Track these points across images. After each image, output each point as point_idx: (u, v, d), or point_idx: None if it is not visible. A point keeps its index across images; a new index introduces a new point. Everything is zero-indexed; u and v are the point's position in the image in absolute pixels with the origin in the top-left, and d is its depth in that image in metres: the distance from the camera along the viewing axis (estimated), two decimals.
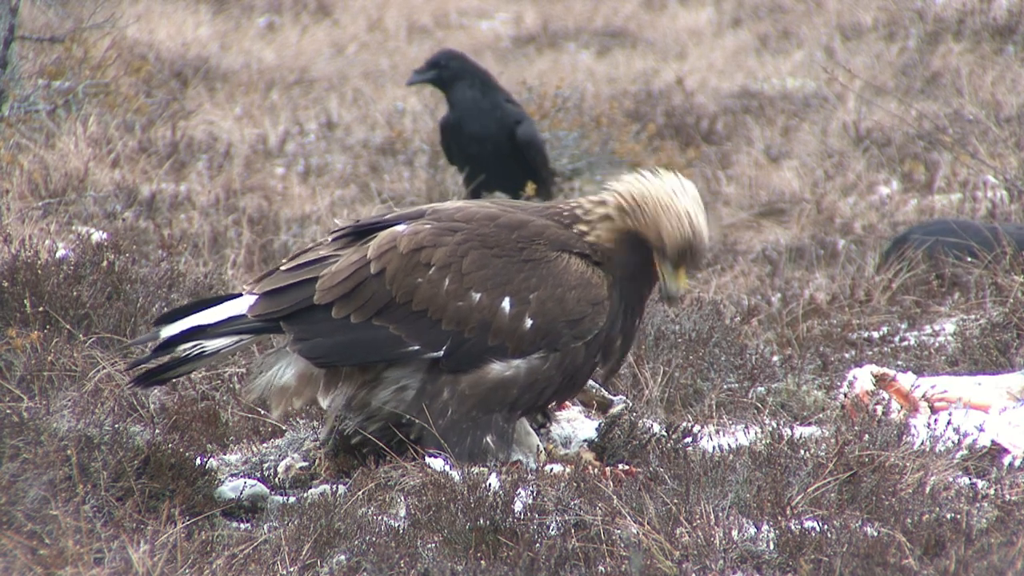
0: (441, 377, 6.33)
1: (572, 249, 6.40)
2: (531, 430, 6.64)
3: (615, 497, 5.81)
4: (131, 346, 7.56)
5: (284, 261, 6.51)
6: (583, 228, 6.45)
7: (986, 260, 9.97)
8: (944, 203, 12.97)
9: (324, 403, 6.44)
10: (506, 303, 6.34)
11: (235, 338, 6.44)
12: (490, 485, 5.88)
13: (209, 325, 6.43)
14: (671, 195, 6.41)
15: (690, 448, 6.70)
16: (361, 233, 6.49)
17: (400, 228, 6.41)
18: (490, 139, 12.78)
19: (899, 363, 8.55)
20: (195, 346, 6.43)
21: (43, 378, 7.45)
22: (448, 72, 13.07)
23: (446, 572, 5.60)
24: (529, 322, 6.33)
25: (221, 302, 6.50)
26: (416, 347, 6.32)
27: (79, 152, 11.86)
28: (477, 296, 6.33)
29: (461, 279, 6.33)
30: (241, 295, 6.47)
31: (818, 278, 11.17)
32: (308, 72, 19.10)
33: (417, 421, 6.33)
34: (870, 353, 8.91)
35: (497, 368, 6.33)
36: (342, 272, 6.37)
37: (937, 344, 8.87)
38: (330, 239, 6.53)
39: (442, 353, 6.31)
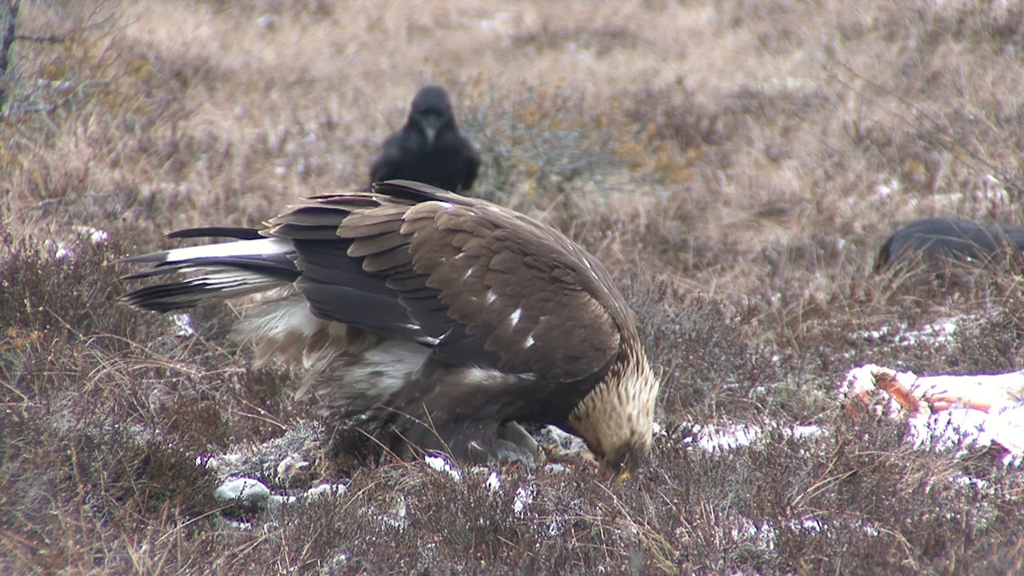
0: (435, 373, 6.30)
1: (597, 296, 6.38)
2: (525, 432, 6.63)
3: (615, 497, 5.81)
4: (136, 261, 7.52)
5: (324, 194, 6.50)
6: None
7: (986, 260, 9.97)
8: (944, 203, 12.98)
9: (306, 363, 6.43)
10: (516, 315, 6.28)
11: (240, 277, 6.41)
12: (490, 485, 5.88)
13: (218, 258, 6.42)
14: (623, 399, 6.40)
15: (690, 448, 6.70)
16: (408, 196, 6.47)
17: (445, 205, 6.39)
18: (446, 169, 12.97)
19: (899, 363, 8.55)
20: (199, 272, 6.42)
21: (43, 378, 7.45)
22: (447, 115, 13.16)
23: (446, 572, 5.60)
24: (530, 341, 6.27)
25: (239, 238, 6.49)
26: (416, 326, 6.26)
27: (79, 152, 11.86)
28: (492, 297, 6.28)
29: (484, 274, 6.28)
30: (258, 235, 6.45)
31: (818, 278, 11.17)
32: (308, 72, 19.11)
33: (403, 414, 6.31)
34: (870, 353, 8.91)
35: (478, 375, 6.29)
36: (373, 218, 6.33)
37: (937, 344, 8.87)
38: (374, 187, 6.51)
39: (438, 341, 6.28)
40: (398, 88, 18.65)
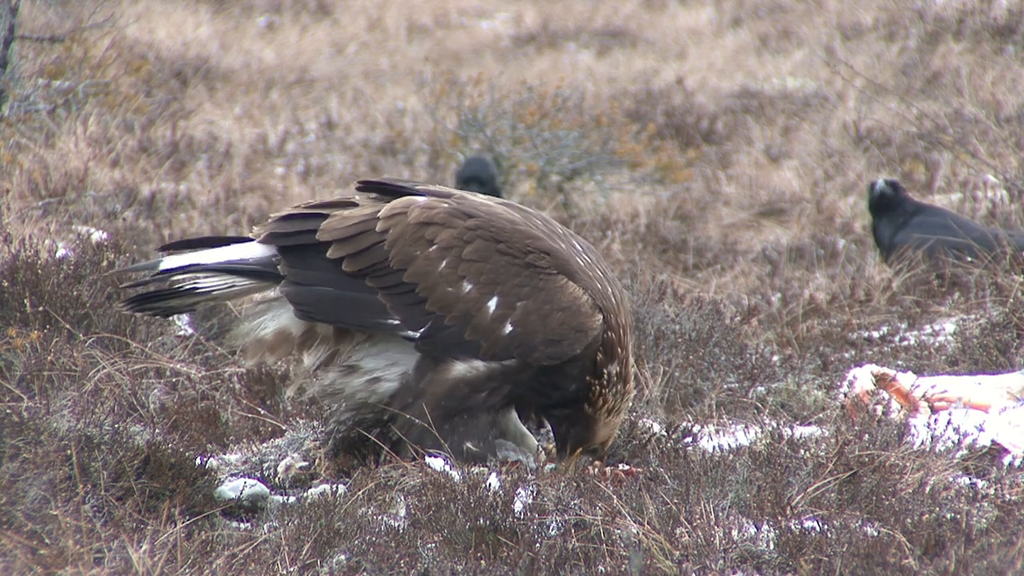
0: (426, 374, 6.33)
1: (575, 279, 6.38)
2: (527, 431, 6.64)
3: (615, 497, 5.81)
4: (132, 271, 7.59)
5: (307, 202, 6.57)
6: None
7: (986, 260, 9.97)
8: (944, 203, 12.98)
9: (304, 361, 6.49)
10: (492, 302, 6.32)
11: (229, 280, 6.48)
12: (490, 485, 5.88)
13: (207, 264, 6.48)
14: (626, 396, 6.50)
15: (690, 448, 6.70)
16: (388, 192, 6.52)
17: (419, 199, 6.43)
18: None
19: (899, 363, 8.55)
20: (190, 278, 6.48)
21: (43, 378, 7.45)
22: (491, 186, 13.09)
23: (446, 572, 5.60)
24: (508, 328, 6.30)
25: (229, 243, 6.56)
26: (396, 321, 6.31)
27: (79, 152, 11.86)
28: (468, 287, 6.32)
29: (458, 264, 6.32)
30: (248, 240, 6.52)
31: (818, 278, 11.17)
32: (308, 72, 19.11)
33: (400, 414, 6.33)
34: (870, 353, 8.91)
35: (460, 368, 6.32)
36: (350, 219, 6.40)
37: (937, 344, 8.87)
38: (355, 186, 6.57)
39: (419, 335, 6.30)
40: (398, 88, 18.65)
